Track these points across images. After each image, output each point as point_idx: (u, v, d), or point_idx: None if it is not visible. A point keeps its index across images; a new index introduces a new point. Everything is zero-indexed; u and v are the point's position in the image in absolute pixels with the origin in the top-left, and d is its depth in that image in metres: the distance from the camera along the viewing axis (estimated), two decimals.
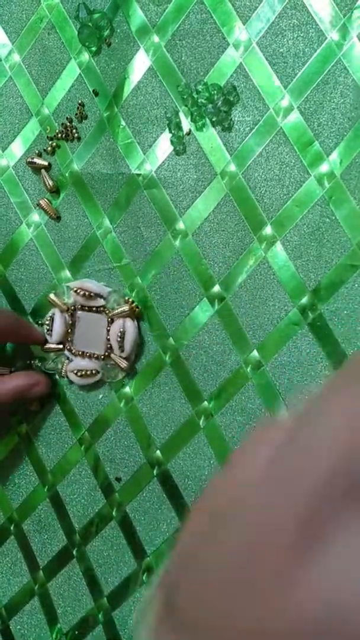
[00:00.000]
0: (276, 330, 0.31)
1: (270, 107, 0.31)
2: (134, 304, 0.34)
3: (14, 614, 0.37)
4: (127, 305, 0.33)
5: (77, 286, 0.34)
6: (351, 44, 0.29)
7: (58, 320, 0.35)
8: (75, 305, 0.35)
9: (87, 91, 0.35)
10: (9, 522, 0.37)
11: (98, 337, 0.34)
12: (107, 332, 0.34)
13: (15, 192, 0.37)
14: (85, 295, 0.34)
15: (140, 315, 0.34)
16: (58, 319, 0.35)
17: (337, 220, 0.29)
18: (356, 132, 0.29)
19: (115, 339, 0.33)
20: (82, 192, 0.35)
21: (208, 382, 0.32)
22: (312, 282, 0.30)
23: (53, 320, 0.35)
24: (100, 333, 0.34)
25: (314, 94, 0.30)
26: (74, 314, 0.35)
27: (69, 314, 0.35)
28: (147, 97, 0.33)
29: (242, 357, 0.31)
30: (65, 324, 0.35)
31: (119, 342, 0.33)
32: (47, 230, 0.36)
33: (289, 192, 0.30)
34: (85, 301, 0.34)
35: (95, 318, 0.35)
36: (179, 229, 0.33)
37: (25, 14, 0.36)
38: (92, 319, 0.35)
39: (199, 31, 0.32)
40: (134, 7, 0.33)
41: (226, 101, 0.31)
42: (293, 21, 0.30)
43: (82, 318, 0.35)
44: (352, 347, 0.29)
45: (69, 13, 0.35)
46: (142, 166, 0.34)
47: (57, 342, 0.35)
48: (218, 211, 0.32)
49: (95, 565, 0.35)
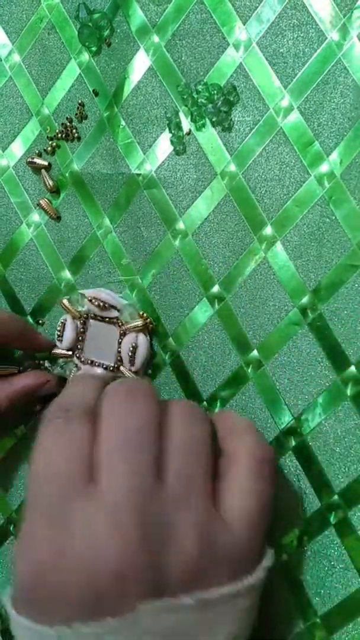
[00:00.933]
0: (276, 330, 0.31)
1: (270, 107, 0.31)
2: (149, 319, 0.33)
3: None
4: (142, 320, 0.33)
5: (93, 295, 0.34)
6: (351, 44, 0.29)
7: (69, 326, 0.35)
8: (88, 314, 0.34)
9: (87, 91, 0.35)
10: (9, 523, 0.37)
11: (109, 348, 0.34)
12: (119, 345, 0.34)
13: (15, 192, 0.37)
14: (100, 305, 0.34)
15: (154, 331, 0.34)
16: (69, 325, 0.35)
17: (337, 220, 0.29)
18: (356, 132, 0.29)
19: (127, 352, 0.33)
20: (82, 192, 0.35)
21: (208, 382, 0.32)
22: (312, 282, 0.30)
23: (64, 327, 0.35)
24: (111, 344, 0.34)
25: (314, 94, 0.30)
26: (86, 322, 0.35)
27: (80, 321, 0.35)
28: (147, 97, 0.33)
29: (242, 357, 0.31)
30: (76, 331, 0.35)
31: (130, 356, 0.33)
32: (47, 230, 0.36)
33: (289, 192, 0.30)
34: (99, 311, 0.34)
35: (107, 329, 0.34)
36: (178, 229, 0.33)
37: (25, 14, 0.36)
38: (104, 330, 0.34)
39: (199, 31, 0.32)
40: (134, 7, 0.33)
41: (226, 101, 0.31)
42: (293, 21, 0.30)
43: (94, 327, 0.35)
44: (352, 347, 0.29)
45: (69, 13, 0.35)
46: (142, 166, 0.34)
47: (66, 348, 0.35)
48: (218, 211, 0.32)
49: None
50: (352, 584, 0.28)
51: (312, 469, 0.30)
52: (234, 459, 0.26)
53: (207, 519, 0.23)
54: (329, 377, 0.29)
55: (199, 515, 0.23)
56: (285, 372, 0.31)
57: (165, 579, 0.22)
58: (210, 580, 0.23)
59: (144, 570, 0.21)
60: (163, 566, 0.22)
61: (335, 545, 0.29)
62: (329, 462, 0.29)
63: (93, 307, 0.34)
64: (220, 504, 0.24)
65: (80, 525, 0.22)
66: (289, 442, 0.30)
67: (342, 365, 0.29)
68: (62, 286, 0.36)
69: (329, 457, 0.29)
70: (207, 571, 0.23)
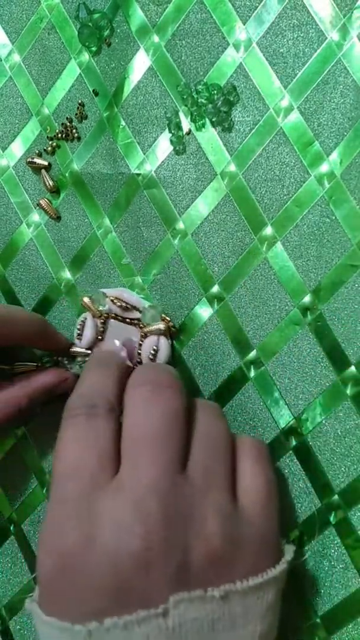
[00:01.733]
0: (276, 330, 0.31)
1: (270, 107, 0.31)
2: (171, 323, 0.33)
3: (14, 614, 0.37)
4: (164, 323, 0.33)
5: (115, 295, 0.33)
6: (351, 44, 0.29)
7: (89, 325, 0.34)
8: (108, 314, 0.34)
9: (87, 91, 0.35)
10: (9, 523, 0.37)
11: (129, 349, 0.34)
12: (139, 346, 0.33)
13: (15, 192, 0.37)
14: (122, 306, 0.33)
15: (175, 335, 0.33)
16: (89, 324, 0.34)
17: (337, 220, 0.29)
18: (356, 132, 0.29)
19: (147, 355, 0.33)
20: (82, 192, 0.35)
21: (208, 382, 0.32)
22: (313, 282, 0.30)
23: (84, 325, 0.34)
24: (131, 346, 0.34)
25: (314, 94, 0.30)
26: (106, 321, 0.34)
27: (101, 320, 0.34)
28: (147, 97, 0.33)
29: (242, 357, 0.31)
30: (96, 330, 0.34)
31: (150, 359, 0.32)
32: (47, 230, 0.36)
33: (289, 192, 0.30)
34: (121, 312, 0.34)
35: (127, 330, 0.34)
36: (178, 229, 0.33)
37: (25, 14, 0.36)
38: (124, 330, 0.34)
39: (198, 31, 0.32)
40: (134, 7, 0.33)
41: (226, 101, 0.31)
42: (293, 21, 0.30)
43: (114, 327, 0.34)
44: (352, 347, 0.29)
45: (69, 13, 0.35)
46: (142, 166, 0.34)
47: (85, 347, 0.34)
48: (218, 211, 0.32)
49: None
50: (352, 584, 0.28)
51: (312, 469, 0.30)
52: (240, 451, 0.27)
53: (229, 511, 0.24)
54: (329, 377, 0.29)
55: (221, 507, 0.24)
56: (285, 372, 0.31)
57: (190, 570, 0.22)
58: (235, 573, 0.23)
59: (168, 559, 0.22)
60: (187, 556, 0.22)
61: (335, 545, 0.29)
62: (329, 462, 0.29)
63: (115, 307, 0.33)
64: (237, 492, 0.25)
65: (106, 516, 0.22)
66: (289, 442, 0.30)
67: (342, 365, 0.29)
68: (62, 286, 0.36)
69: (329, 457, 0.29)
70: (231, 562, 0.23)
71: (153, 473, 0.23)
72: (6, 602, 0.37)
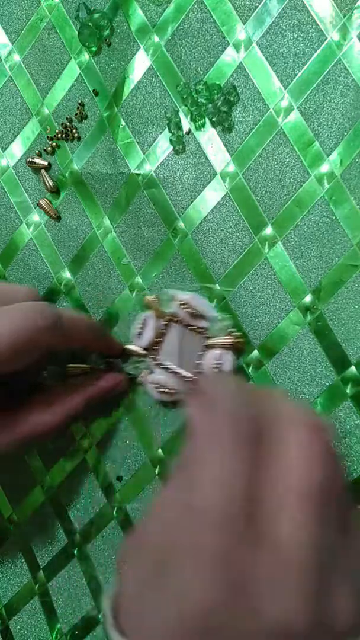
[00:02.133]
0: (277, 330, 0.31)
1: (270, 107, 0.31)
2: (239, 338, 0.31)
3: (14, 614, 0.37)
4: (231, 338, 0.31)
5: (186, 300, 0.32)
6: (351, 44, 0.29)
7: (151, 325, 0.33)
8: (172, 317, 0.32)
9: (87, 91, 0.35)
10: (9, 522, 0.37)
11: (188, 357, 0.32)
12: (200, 357, 0.32)
13: (15, 192, 0.37)
14: (190, 312, 0.32)
15: (241, 351, 0.32)
16: (151, 324, 0.33)
17: (337, 220, 0.29)
18: (356, 132, 0.29)
19: (210, 368, 0.31)
20: (82, 192, 0.35)
21: None
22: (313, 282, 0.30)
23: (145, 324, 0.33)
24: (191, 354, 0.32)
25: (314, 94, 0.30)
26: (169, 324, 0.33)
27: (164, 322, 0.33)
28: (147, 97, 0.33)
29: (243, 357, 0.31)
30: (156, 332, 0.33)
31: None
32: (47, 230, 0.36)
33: (289, 192, 0.30)
34: (188, 318, 0.32)
35: (191, 338, 0.32)
36: (178, 229, 0.33)
37: (25, 14, 0.36)
38: (187, 338, 0.32)
39: (198, 31, 0.32)
40: (134, 7, 0.33)
41: (226, 101, 0.31)
42: (293, 21, 0.30)
43: (177, 332, 0.32)
44: (352, 347, 0.29)
45: (69, 13, 0.35)
46: (142, 166, 0.34)
47: (143, 347, 0.33)
48: (218, 211, 0.32)
49: (96, 565, 0.35)
50: None
51: None
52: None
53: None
54: (329, 377, 0.29)
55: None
56: (285, 372, 0.31)
57: None
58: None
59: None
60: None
61: None
62: None
63: (182, 312, 0.32)
64: None
65: (258, 576, 0.18)
66: None
67: (342, 365, 0.29)
68: (62, 286, 0.36)
69: None
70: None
71: (314, 540, 0.19)
72: (6, 602, 0.37)
